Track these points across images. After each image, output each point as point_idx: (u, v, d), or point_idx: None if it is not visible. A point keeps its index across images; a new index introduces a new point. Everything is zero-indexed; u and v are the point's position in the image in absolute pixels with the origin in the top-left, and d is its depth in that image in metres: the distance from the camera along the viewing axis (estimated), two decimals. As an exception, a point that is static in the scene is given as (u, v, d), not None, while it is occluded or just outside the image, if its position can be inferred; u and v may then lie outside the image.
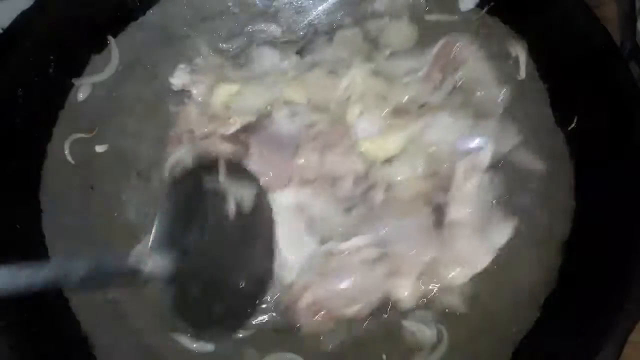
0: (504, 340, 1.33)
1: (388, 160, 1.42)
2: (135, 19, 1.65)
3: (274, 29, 1.67)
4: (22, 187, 1.41)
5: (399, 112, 1.45)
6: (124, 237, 1.50)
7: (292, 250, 1.37)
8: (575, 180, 1.41)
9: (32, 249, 1.36)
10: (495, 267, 1.44)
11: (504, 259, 1.43)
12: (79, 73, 1.56)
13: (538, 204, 1.46)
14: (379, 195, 1.38)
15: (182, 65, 1.58)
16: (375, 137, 1.41)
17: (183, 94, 1.59)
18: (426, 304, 1.37)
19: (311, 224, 1.39)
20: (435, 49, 1.51)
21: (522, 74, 1.55)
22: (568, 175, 1.42)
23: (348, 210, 1.40)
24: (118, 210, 1.53)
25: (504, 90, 1.49)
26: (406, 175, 1.40)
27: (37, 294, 1.26)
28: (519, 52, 1.56)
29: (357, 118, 1.44)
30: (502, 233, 1.38)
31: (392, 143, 1.41)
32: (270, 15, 1.71)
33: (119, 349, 1.35)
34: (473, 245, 1.36)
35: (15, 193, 1.39)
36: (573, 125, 1.45)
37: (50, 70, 1.48)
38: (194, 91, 1.54)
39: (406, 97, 1.47)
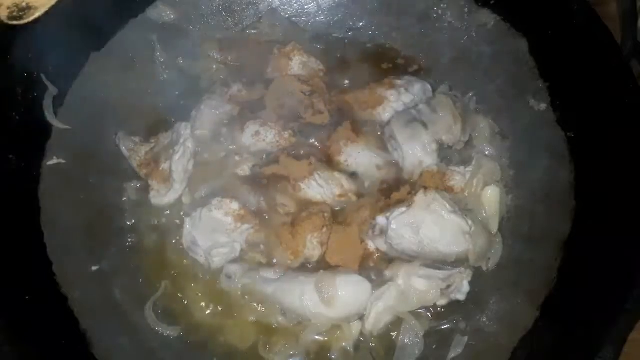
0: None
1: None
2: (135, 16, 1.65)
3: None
4: (21, 185, 1.41)
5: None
6: (121, 236, 1.52)
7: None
8: (575, 180, 1.40)
9: (31, 246, 1.36)
10: (496, 267, 1.44)
11: (504, 259, 1.44)
12: (78, 71, 1.55)
13: (538, 203, 1.46)
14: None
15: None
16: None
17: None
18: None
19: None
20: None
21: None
22: (568, 174, 1.41)
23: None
24: (116, 209, 1.54)
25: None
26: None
27: (36, 292, 1.29)
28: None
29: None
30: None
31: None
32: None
33: (118, 348, 1.35)
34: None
35: (15, 191, 1.38)
36: (573, 124, 1.44)
37: (50, 69, 1.47)
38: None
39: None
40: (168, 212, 1.54)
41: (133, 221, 1.54)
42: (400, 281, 1.36)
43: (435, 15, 1.71)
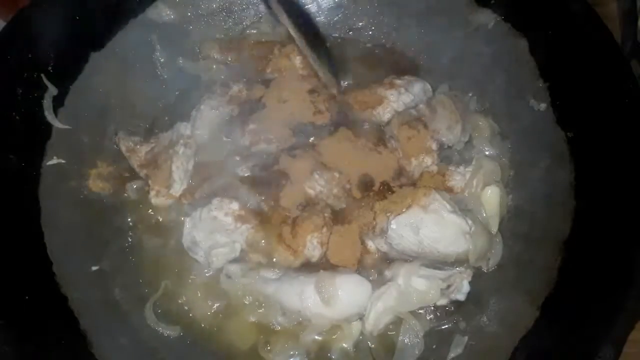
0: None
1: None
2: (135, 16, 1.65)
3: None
4: (21, 185, 1.41)
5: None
6: (121, 236, 1.52)
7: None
8: (575, 180, 1.40)
9: (31, 246, 1.36)
10: (496, 267, 1.44)
11: (504, 259, 1.44)
12: (78, 71, 1.55)
13: (538, 203, 1.46)
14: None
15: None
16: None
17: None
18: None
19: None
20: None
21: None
22: (568, 174, 1.41)
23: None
24: (116, 209, 1.54)
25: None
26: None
27: (36, 292, 1.29)
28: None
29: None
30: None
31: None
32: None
33: (118, 348, 1.35)
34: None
35: (15, 191, 1.38)
36: (573, 124, 1.44)
37: (50, 69, 1.48)
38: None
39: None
40: (168, 212, 1.54)
41: (133, 221, 1.54)
42: (400, 281, 1.36)
43: (435, 15, 1.71)
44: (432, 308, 1.41)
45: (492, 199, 1.47)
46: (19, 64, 1.43)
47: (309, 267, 1.43)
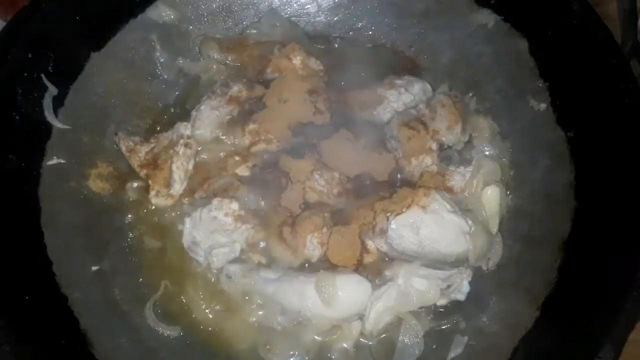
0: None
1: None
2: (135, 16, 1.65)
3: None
4: (21, 185, 1.41)
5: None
6: (121, 236, 1.52)
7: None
8: (575, 180, 1.40)
9: (31, 246, 1.36)
10: (496, 267, 1.45)
11: (504, 259, 1.44)
12: (78, 71, 1.55)
13: (538, 203, 1.46)
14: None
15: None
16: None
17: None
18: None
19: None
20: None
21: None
22: (568, 174, 1.42)
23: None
24: (116, 209, 1.54)
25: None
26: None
27: (36, 292, 1.29)
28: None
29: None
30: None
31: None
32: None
33: (118, 348, 1.35)
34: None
35: (15, 191, 1.38)
36: (573, 124, 1.44)
37: (50, 68, 1.47)
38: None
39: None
40: (168, 212, 1.54)
41: (133, 221, 1.54)
42: (400, 281, 1.36)
43: (435, 16, 1.71)
44: (432, 308, 1.41)
45: (492, 199, 1.47)
46: (19, 64, 1.42)
47: (309, 267, 1.43)
